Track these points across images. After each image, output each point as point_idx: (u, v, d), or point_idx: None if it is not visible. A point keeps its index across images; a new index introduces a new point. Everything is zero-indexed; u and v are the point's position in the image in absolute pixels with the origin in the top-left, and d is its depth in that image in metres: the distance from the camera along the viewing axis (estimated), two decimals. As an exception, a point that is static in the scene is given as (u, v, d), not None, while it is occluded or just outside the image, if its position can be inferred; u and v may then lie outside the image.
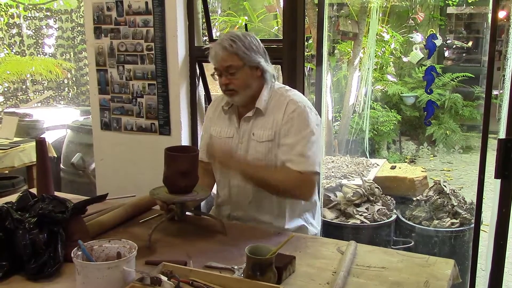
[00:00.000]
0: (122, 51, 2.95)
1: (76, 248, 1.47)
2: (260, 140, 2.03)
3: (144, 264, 1.65)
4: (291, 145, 1.97)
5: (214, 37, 3.15)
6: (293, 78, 2.65)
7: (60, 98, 8.32)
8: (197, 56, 2.93)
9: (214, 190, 2.28)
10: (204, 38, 3.30)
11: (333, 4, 6.42)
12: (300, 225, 2.12)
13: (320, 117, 2.71)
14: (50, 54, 8.20)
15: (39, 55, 7.89)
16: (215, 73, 2.04)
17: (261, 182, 1.97)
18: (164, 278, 1.37)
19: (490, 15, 2.19)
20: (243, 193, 2.07)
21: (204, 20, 3.05)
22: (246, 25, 4.72)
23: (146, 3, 2.82)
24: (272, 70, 2.05)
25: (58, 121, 5.18)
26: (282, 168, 1.98)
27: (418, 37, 6.73)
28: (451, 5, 8.63)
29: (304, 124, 1.98)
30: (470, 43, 10.12)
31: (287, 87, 2.12)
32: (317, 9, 3.01)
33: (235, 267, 1.61)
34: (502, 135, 2.23)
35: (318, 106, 2.79)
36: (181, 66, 2.88)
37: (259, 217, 2.09)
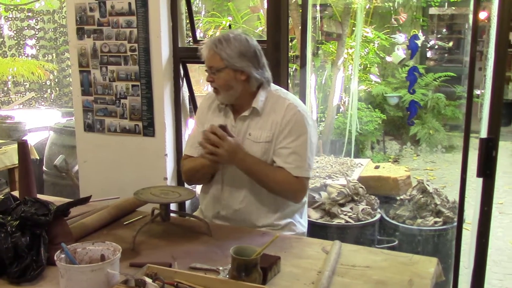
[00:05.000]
0: (105, 52, 2.93)
1: (59, 251, 1.46)
2: (257, 141, 2.04)
3: (129, 266, 1.64)
4: (290, 150, 2.00)
5: (198, 38, 3.15)
6: (278, 79, 2.65)
7: (42, 99, 8.24)
8: (181, 57, 2.92)
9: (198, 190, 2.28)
10: (188, 39, 3.29)
11: (316, 5, 6.43)
12: (289, 222, 2.14)
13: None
14: (32, 55, 8.11)
15: (20, 56, 7.81)
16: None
17: (259, 177, 1.99)
18: (148, 280, 1.37)
19: (471, 16, 2.22)
20: (235, 190, 2.08)
21: (188, 21, 3.04)
22: (230, 26, 4.72)
23: (129, 3, 2.80)
24: (261, 75, 2.04)
25: (41, 123, 5.12)
26: (281, 169, 2.00)
27: (401, 38, 6.78)
28: (433, 5, 8.72)
29: (303, 130, 2.01)
30: (451, 44, 10.23)
31: (284, 90, 2.16)
32: (300, 10, 3.02)
33: (220, 268, 1.61)
34: (484, 134, 2.26)
35: (302, 106, 2.80)
36: (165, 67, 2.87)
37: (249, 216, 2.09)
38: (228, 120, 2.11)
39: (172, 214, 1.99)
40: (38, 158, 4.38)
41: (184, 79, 3.03)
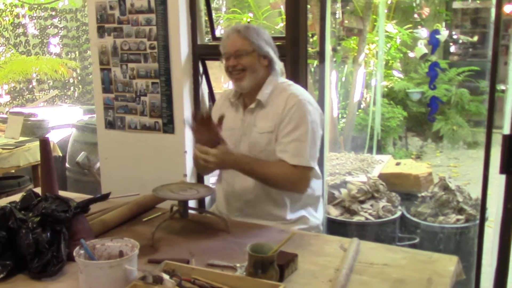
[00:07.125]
0: (125, 50, 2.95)
1: (78, 247, 1.48)
2: (260, 132, 2.08)
3: (147, 262, 1.66)
4: (290, 138, 2.01)
5: (217, 35, 3.15)
6: (296, 75, 2.64)
7: (65, 97, 8.36)
8: (200, 54, 2.93)
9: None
10: (207, 36, 3.29)
11: (337, 0, 6.38)
12: (302, 216, 2.15)
13: (323, 113, 2.70)
14: (56, 54, 8.23)
15: (44, 55, 7.92)
16: (223, 58, 2.11)
17: (255, 175, 2.02)
18: (166, 277, 1.38)
19: (493, 10, 2.17)
20: (245, 181, 2.09)
21: (207, 18, 3.05)
22: (249, 22, 4.71)
23: (149, 1, 2.82)
24: (280, 63, 2.14)
25: (64, 120, 5.20)
26: (277, 161, 2.02)
27: (423, 32, 6.68)
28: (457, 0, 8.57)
29: (303, 119, 2.02)
30: (476, 38, 10.04)
31: (289, 82, 2.19)
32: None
33: (237, 265, 1.61)
34: (507, 130, 2.21)
35: (321, 102, 2.78)
36: (184, 64, 2.88)
37: (261, 207, 2.11)
38: (238, 114, 2.17)
39: (190, 211, 2.00)
40: (61, 155, 4.45)
41: (203, 76, 3.04)
